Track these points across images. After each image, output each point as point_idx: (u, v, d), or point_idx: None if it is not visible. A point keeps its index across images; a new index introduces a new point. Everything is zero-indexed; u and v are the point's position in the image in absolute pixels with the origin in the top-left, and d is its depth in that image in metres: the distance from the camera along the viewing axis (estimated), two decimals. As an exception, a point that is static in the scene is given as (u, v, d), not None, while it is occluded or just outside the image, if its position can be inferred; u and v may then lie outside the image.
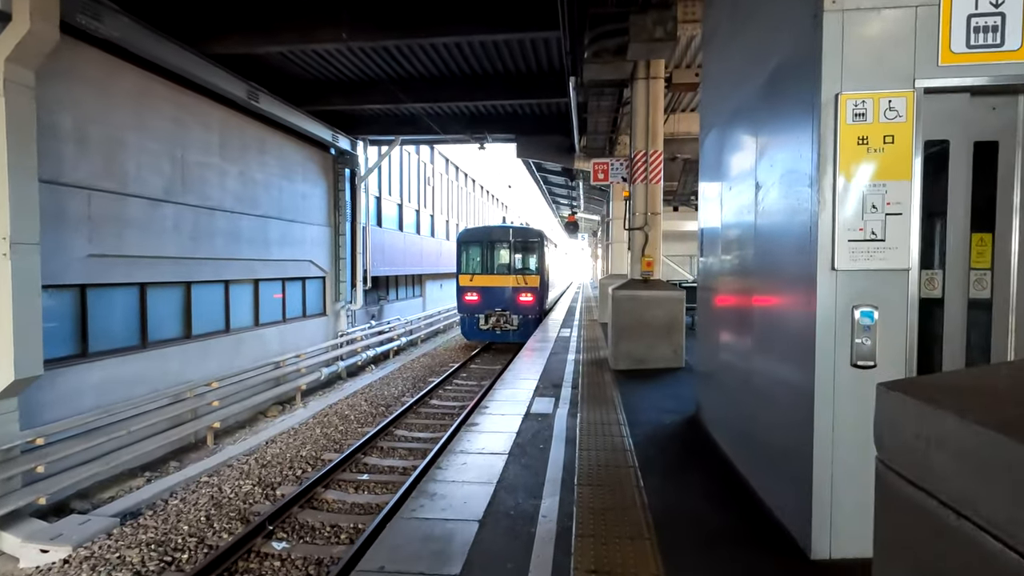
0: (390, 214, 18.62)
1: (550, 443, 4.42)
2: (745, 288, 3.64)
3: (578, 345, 10.06)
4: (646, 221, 7.57)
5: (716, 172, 4.45)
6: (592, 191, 20.26)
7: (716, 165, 4.44)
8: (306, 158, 13.15)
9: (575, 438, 4.53)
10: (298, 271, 12.93)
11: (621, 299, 7.36)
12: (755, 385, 3.32)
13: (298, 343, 12.92)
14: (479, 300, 17.03)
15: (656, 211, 7.60)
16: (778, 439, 2.95)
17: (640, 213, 7.61)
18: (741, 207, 3.69)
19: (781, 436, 2.90)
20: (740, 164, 3.77)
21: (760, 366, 3.26)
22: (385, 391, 12.21)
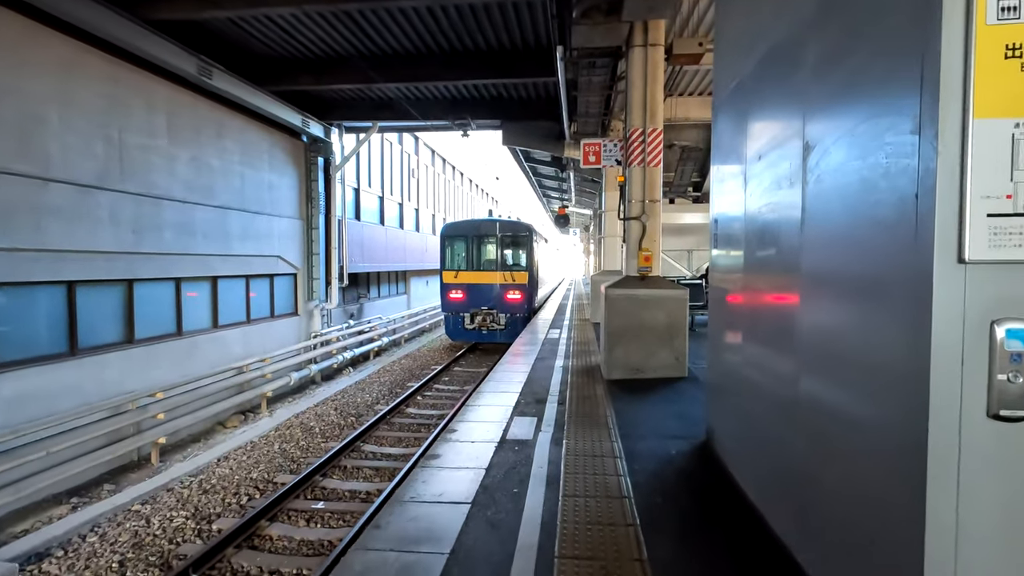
0: (370, 207, 17.59)
1: (527, 485, 3.48)
2: (783, 286, 2.71)
3: (567, 349, 9.12)
4: (644, 210, 6.64)
5: (736, 143, 3.51)
6: (584, 183, 19.30)
7: (736, 133, 3.50)
8: (273, 145, 12.11)
9: (559, 477, 3.59)
10: (265, 267, 11.90)
11: (615, 299, 6.43)
12: (805, 423, 2.38)
13: (266, 346, 11.90)
14: (464, 298, 16.08)
15: (655, 198, 6.67)
16: (853, 514, 2.01)
17: (637, 201, 6.67)
18: (777, 180, 2.75)
19: (859, 511, 1.97)
20: (776, 123, 2.83)
21: (814, 394, 2.33)
22: (359, 398, 11.22)
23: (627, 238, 6.82)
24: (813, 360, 2.34)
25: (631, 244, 6.73)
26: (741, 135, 3.38)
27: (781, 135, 2.72)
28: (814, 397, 2.32)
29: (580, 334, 11.01)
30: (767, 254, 2.95)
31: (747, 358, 3.20)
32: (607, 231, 12.85)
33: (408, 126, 15.08)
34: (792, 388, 2.51)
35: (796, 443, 2.47)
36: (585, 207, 26.78)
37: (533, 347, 9.43)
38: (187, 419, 8.87)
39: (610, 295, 6.44)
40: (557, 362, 7.91)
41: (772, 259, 2.86)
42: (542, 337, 10.76)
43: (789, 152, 2.60)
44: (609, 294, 6.45)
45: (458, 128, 13.66)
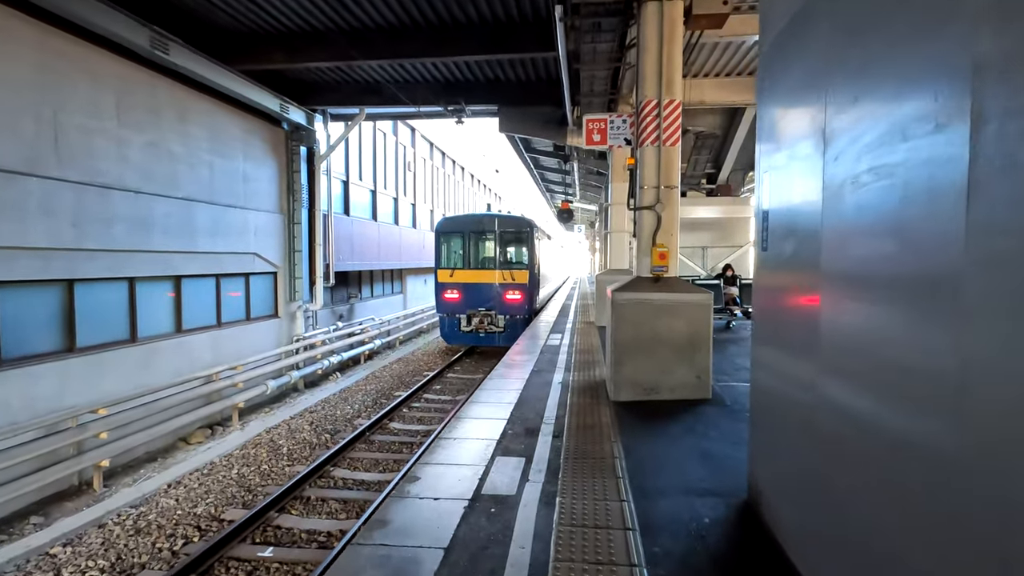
0: (361, 202, 16.55)
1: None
2: (919, 284, 1.62)
3: (569, 359, 8.03)
4: (658, 198, 5.54)
5: (804, 92, 2.43)
6: (589, 176, 18.17)
7: (808, 76, 2.41)
8: (248, 132, 11.07)
9: (547, 566, 2.52)
10: (239, 266, 10.89)
11: (624, 304, 5.34)
12: (968, 509, 1.30)
13: (240, 351, 10.89)
14: (460, 298, 15.03)
15: (672, 184, 5.57)
16: None
17: (650, 187, 5.57)
18: (900, 126, 1.66)
19: None
20: (903, 34, 1.74)
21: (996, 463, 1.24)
22: (339, 409, 10.19)
23: (638, 232, 5.73)
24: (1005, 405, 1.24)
25: (643, 239, 5.64)
26: (818, 76, 2.28)
27: (914, 52, 1.63)
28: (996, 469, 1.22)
29: (584, 340, 9.92)
30: (875, 240, 1.85)
31: (829, 392, 2.11)
32: (614, 226, 11.75)
33: (398, 112, 14.02)
34: (941, 446, 1.41)
35: (934, 546, 1.37)
36: (590, 202, 25.65)
37: (530, 356, 8.36)
38: (139, 437, 7.86)
39: (618, 300, 5.36)
40: (556, 376, 6.82)
41: (889, 245, 1.76)
42: (541, 343, 9.68)
43: (933, 76, 1.51)
44: (617, 299, 5.36)
45: (452, 115, 12.58)
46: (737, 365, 6.99)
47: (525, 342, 9.88)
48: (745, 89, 10.85)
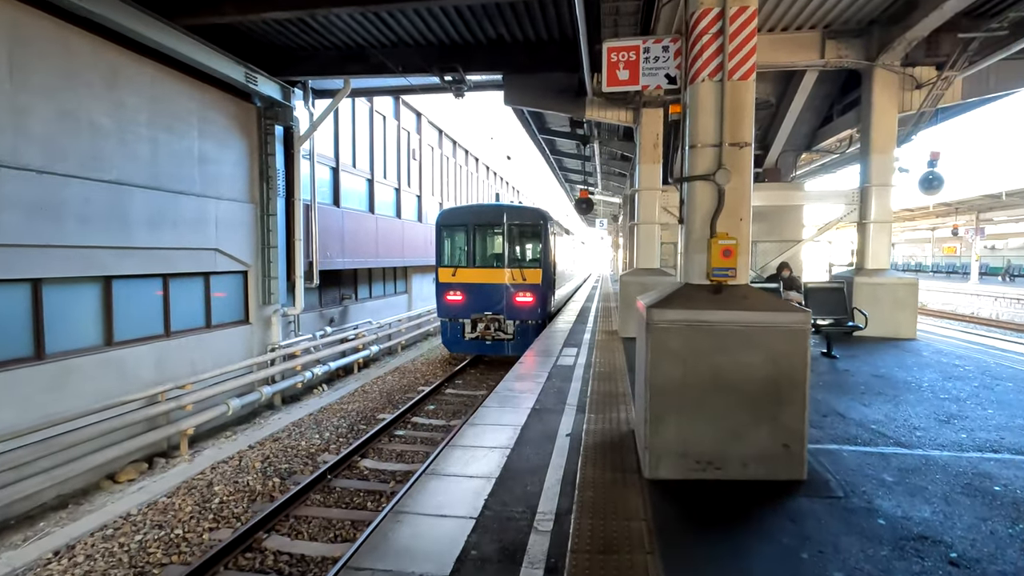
0: (354, 191, 14.81)
1: None
2: None
3: (584, 389, 6.08)
4: (720, 162, 3.56)
5: None
6: (611, 162, 16.10)
7: None
8: (206, 105, 9.36)
9: None
10: (195, 264, 9.20)
11: (667, 329, 3.39)
12: None
13: (198, 364, 9.22)
14: (463, 301, 13.19)
15: (743, 139, 3.58)
16: None
17: (706, 146, 3.60)
18: None
19: None
20: None
21: None
22: (305, 439, 8.41)
23: (687, 217, 3.75)
24: None
25: (694, 227, 3.66)
26: None
27: None
28: None
29: (604, 358, 7.95)
30: None
31: None
32: (642, 216, 9.73)
33: (390, 87, 12.20)
34: None
35: None
36: (613, 194, 23.52)
37: (534, 382, 6.43)
38: (37, 481, 6.21)
39: (656, 321, 3.40)
40: (564, 420, 4.88)
41: None
42: (552, 361, 7.75)
43: None
44: (655, 319, 3.41)
45: (451, 88, 10.69)
46: (832, 410, 4.92)
47: (530, 362, 7.95)
48: (804, 47, 8.74)
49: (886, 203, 8.99)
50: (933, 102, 8.88)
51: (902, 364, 6.85)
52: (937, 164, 9.40)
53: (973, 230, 30.59)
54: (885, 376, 6.18)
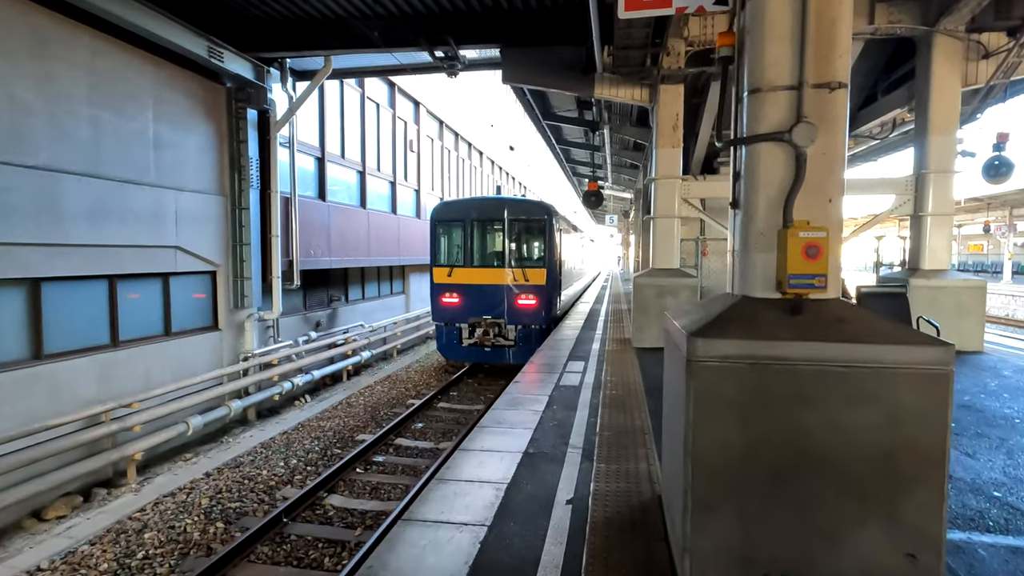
0: (344, 184, 13.67)
1: None
2: None
3: (592, 418, 4.86)
4: (799, 111, 2.33)
5: None
6: (623, 152, 14.83)
7: None
8: (162, 83, 8.24)
9: None
10: (150, 263, 8.10)
11: (717, 368, 2.17)
12: None
13: (154, 377, 8.13)
14: (460, 303, 12.03)
15: (837, 79, 2.35)
16: None
17: (777, 88, 2.37)
18: None
19: None
20: None
21: None
22: (266, 468, 7.27)
23: (743, 195, 2.53)
24: None
25: (756, 210, 2.44)
26: None
27: None
28: None
29: (617, 376, 6.73)
30: None
31: None
32: (659, 208, 8.48)
33: (377, 67, 11.03)
34: None
35: None
36: (624, 189, 22.22)
37: (530, 409, 5.23)
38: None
39: (703, 358, 2.19)
40: (564, 474, 3.67)
41: None
42: (554, 379, 6.55)
43: None
44: (700, 354, 2.19)
45: (443, 66, 9.50)
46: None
47: (530, 376, 6.76)
48: (851, 12, 7.40)
49: (947, 192, 7.69)
50: (1004, 73, 7.55)
51: (985, 388, 5.57)
52: (1006, 147, 8.06)
53: (1006, 226, 28.90)
54: (973, 407, 4.91)
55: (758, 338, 2.18)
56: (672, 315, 2.79)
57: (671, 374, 2.67)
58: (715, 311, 2.45)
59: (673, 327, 2.60)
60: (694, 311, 2.70)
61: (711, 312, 2.47)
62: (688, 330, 2.29)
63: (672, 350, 2.61)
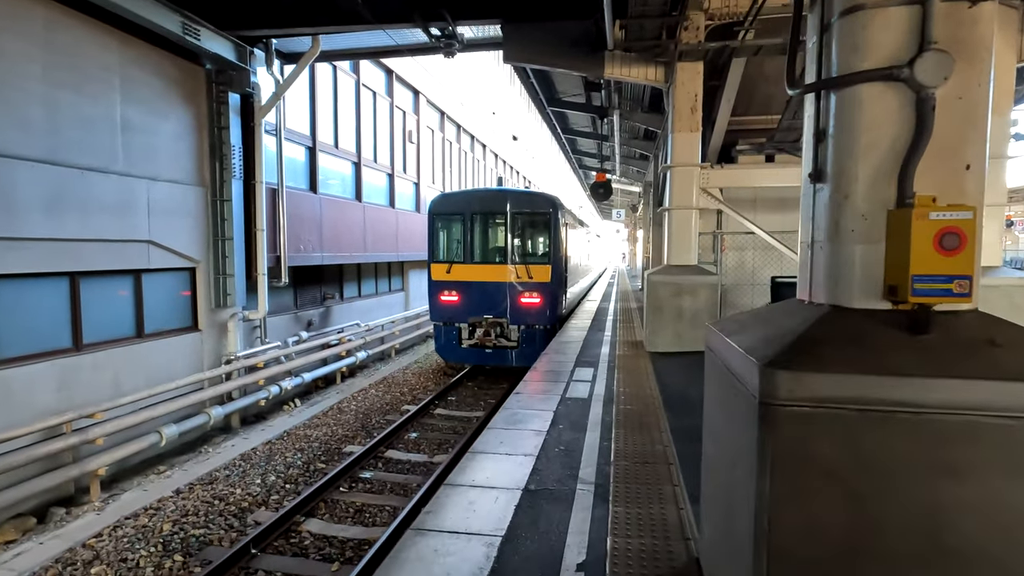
0: (337, 176, 12.96)
1: None
2: None
3: (605, 441, 4.13)
4: (922, 36, 1.57)
5: None
6: (632, 141, 14.04)
7: None
8: (130, 62, 7.54)
9: None
10: (119, 260, 7.43)
11: (809, 416, 1.43)
12: None
13: (124, 383, 7.47)
14: (459, 302, 11.35)
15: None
16: None
17: (887, 3, 1.62)
18: None
19: None
20: None
21: None
22: (241, 486, 6.57)
23: (831, 160, 1.78)
24: None
25: (854, 182, 1.70)
26: None
27: None
28: None
29: (631, 387, 5.99)
30: None
31: None
32: (675, 199, 7.73)
33: (369, 49, 10.28)
34: None
35: None
36: (632, 181, 21.42)
37: (532, 429, 4.50)
38: None
39: (788, 400, 1.45)
40: (573, 523, 2.94)
41: None
42: (560, 389, 5.82)
43: None
44: (784, 394, 1.45)
45: (440, 45, 8.76)
46: None
47: (533, 385, 6.03)
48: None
49: (999, 180, 6.89)
50: (1065, 46, 6.74)
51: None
52: (1062, 130, 7.26)
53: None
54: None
55: (872, 372, 1.44)
56: (721, 330, 2.05)
57: (724, 416, 1.93)
58: (792, 327, 1.71)
59: (728, 348, 1.86)
60: (754, 324, 1.96)
61: (786, 329, 1.73)
62: (761, 357, 1.55)
63: (726, 382, 1.87)
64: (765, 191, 10.24)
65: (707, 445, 2.29)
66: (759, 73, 9.42)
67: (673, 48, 7.24)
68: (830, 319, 1.69)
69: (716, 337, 2.08)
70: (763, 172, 8.88)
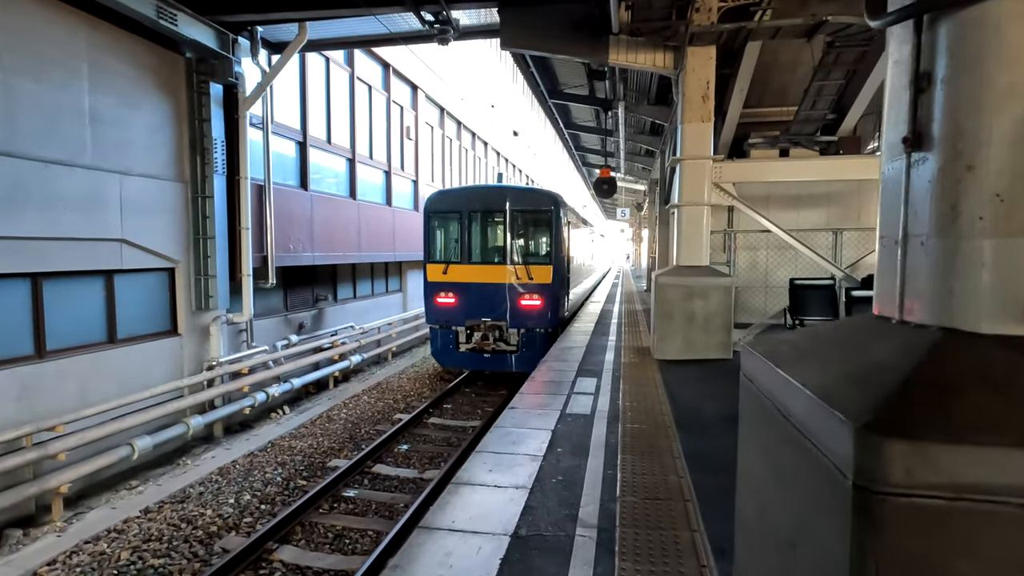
0: (330, 172, 12.44)
1: None
2: None
3: (610, 469, 3.58)
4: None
5: None
6: (638, 136, 13.47)
7: None
8: (99, 48, 7.04)
9: None
10: (87, 259, 6.92)
11: (944, 528, 0.87)
12: None
13: (92, 392, 6.96)
14: (456, 304, 10.83)
15: None
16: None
17: None
18: None
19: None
20: None
21: None
22: (211, 507, 6.05)
23: (940, 107, 1.21)
24: None
25: (982, 140, 1.13)
26: None
27: None
28: None
29: (638, 400, 5.44)
30: None
31: None
32: (686, 195, 7.16)
33: (359, 37, 9.74)
34: None
35: None
36: (637, 179, 20.85)
37: (527, 453, 3.96)
38: None
39: (900, 486, 0.91)
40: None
41: None
42: (560, 403, 5.28)
43: None
44: (893, 472, 0.92)
45: (433, 31, 8.22)
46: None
47: (529, 398, 5.48)
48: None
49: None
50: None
51: None
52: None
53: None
54: None
55: (1045, 443, 0.88)
56: (770, 357, 1.49)
57: (777, 482, 1.38)
58: (889, 360, 1.16)
59: (786, 387, 1.30)
60: (819, 350, 1.41)
61: (877, 362, 1.18)
62: (855, 413, 1.00)
63: (781, 435, 1.32)
64: (779, 188, 9.66)
65: (745, 503, 1.74)
66: (774, 61, 8.86)
67: (684, 31, 6.67)
68: (948, 350, 1.13)
69: (760, 366, 1.52)
70: (781, 166, 8.30)
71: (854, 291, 5.06)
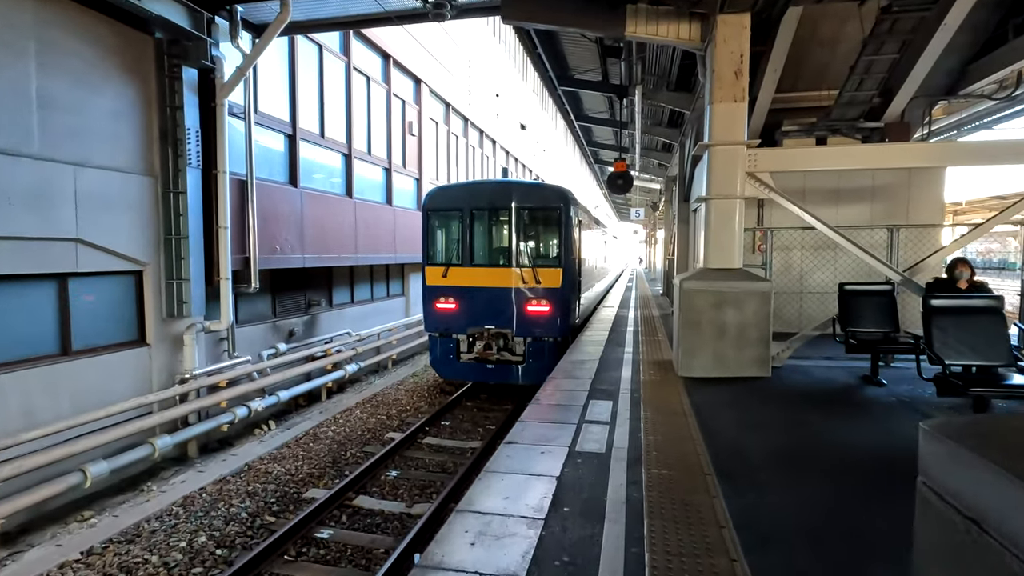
0: (323, 168, 11.60)
1: None
2: None
3: (634, 555, 2.64)
4: None
5: None
6: (655, 128, 12.47)
7: None
8: (49, 23, 6.25)
9: None
10: (36, 261, 6.13)
11: None
12: None
13: (40, 411, 6.17)
14: (458, 310, 9.93)
15: None
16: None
17: None
18: None
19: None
20: None
21: None
22: (160, 551, 5.17)
23: None
24: None
25: None
26: None
27: None
28: None
29: (665, 430, 4.47)
30: None
31: None
32: (715, 187, 6.18)
33: (348, 17, 8.84)
34: None
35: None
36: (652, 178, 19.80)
37: (521, 515, 3.03)
38: None
39: None
40: None
41: None
42: (569, 436, 4.33)
43: None
44: None
45: (428, 8, 7.35)
46: None
47: (531, 430, 4.54)
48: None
49: None
50: None
51: None
52: None
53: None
54: None
55: None
56: (1004, 466, 0.53)
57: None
58: None
59: None
60: None
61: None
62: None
63: None
64: (816, 181, 8.63)
65: None
66: (812, 36, 7.84)
67: (711, 33, 5.71)
68: None
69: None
70: (827, 152, 7.29)
71: (934, 299, 4.05)
